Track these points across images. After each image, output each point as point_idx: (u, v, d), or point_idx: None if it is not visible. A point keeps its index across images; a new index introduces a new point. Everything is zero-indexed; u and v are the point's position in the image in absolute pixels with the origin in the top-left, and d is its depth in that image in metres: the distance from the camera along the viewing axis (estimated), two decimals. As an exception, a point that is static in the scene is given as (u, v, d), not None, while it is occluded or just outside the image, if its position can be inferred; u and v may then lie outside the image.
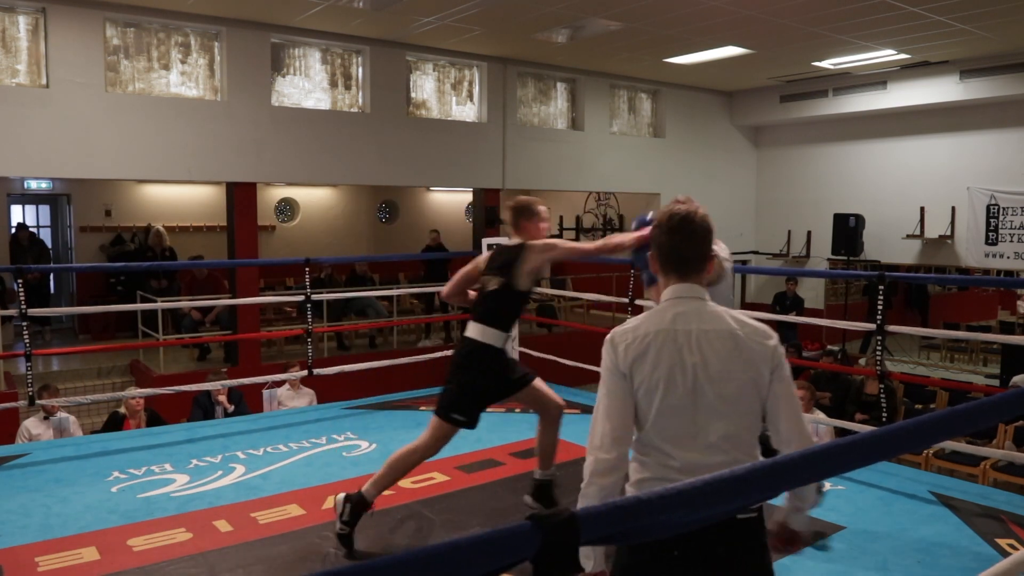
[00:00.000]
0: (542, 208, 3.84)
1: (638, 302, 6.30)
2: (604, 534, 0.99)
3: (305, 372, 6.50)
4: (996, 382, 10.09)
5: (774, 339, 2.04)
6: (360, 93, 10.02)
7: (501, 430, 5.63)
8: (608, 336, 2.06)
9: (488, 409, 6.17)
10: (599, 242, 3.75)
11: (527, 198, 3.86)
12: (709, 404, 1.96)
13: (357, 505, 3.61)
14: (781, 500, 2.04)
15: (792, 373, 2.09)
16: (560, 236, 14.60)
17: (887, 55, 10.13)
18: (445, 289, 3.98)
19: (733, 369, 1.98)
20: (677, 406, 1.96)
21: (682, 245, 2.04)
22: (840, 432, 5.72)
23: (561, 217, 14.76)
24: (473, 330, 3.68)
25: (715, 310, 2.05)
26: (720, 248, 3.07)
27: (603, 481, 1.99)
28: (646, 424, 2.00)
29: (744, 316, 2.08)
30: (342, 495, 3.66)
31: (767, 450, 2.03)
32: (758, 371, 2.00)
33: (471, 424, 3.70)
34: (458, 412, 3.65)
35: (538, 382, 3.94)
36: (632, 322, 2.07)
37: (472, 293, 3.98)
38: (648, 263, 2.17)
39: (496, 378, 3.73)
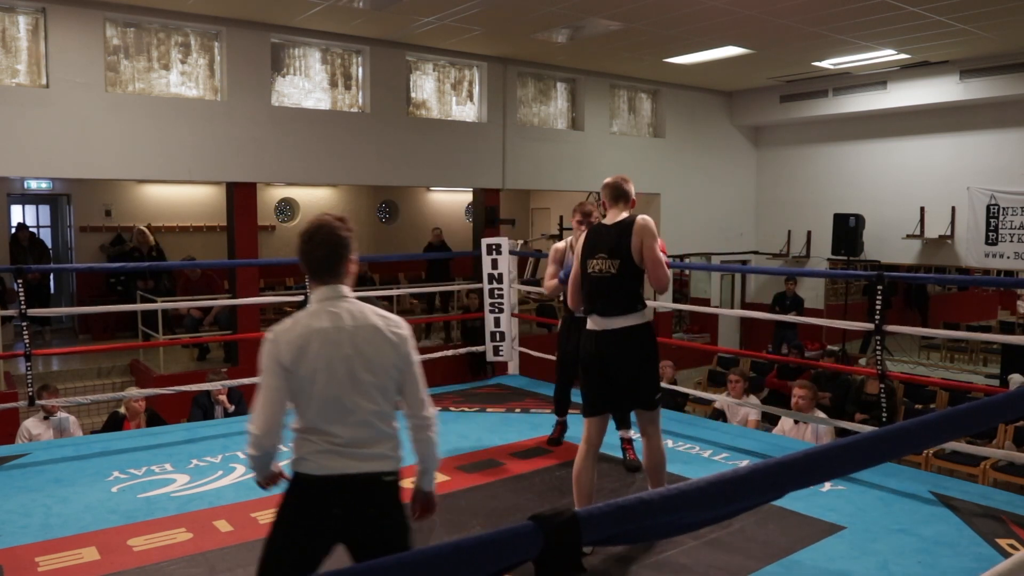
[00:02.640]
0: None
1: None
2: (606, 534, 0.99)
3: (305, 372, 6.48)
4: (996, 382, 10.09)
5: (406, 329, 2.41)
6: (360, 93, 10.02)
7: (501, 430, 5.63)
8: (270, 334, 2.33)
9: (488, 409, 6.23)
10: None
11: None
12: (360, 388, 2.30)
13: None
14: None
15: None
16: (560, 237, 14.62)
17: (887, 55, 10.13)
18: (571, 299, 3.93)
19: (380, 356, 2.33)
20: (335, 392, 2.29)
21: (318, 252, 2.35)
22: (840, 432, 5.73)
23: (561, 217, 14.75)
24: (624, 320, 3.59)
25: (360, 307, 2.37)
26: None
27: (255, 453, 2.39)
28: (309, 409, 2.31)
29: (381, 310, 2.42)
30: None
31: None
32: (397, 355, 2.36)
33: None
34: (659, 393, 3.69)
35: None
36: (290, 321, 2.35)
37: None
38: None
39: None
